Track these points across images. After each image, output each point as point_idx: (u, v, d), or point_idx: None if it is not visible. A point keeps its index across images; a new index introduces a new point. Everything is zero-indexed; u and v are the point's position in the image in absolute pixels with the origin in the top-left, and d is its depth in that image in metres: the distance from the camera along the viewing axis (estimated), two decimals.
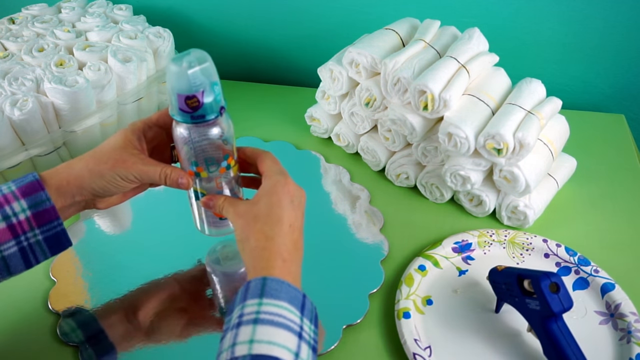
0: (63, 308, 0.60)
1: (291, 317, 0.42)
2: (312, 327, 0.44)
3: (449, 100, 0.64)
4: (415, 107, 0.67)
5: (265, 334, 0.40)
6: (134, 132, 0.52)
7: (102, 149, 0.51)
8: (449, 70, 0.66)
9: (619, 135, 0.86)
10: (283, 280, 0.44)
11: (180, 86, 0.46)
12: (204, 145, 0.51)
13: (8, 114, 0.66)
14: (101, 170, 0.49)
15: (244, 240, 0.48)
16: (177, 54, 0.46)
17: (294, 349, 0.40)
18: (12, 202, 0.46)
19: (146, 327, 0.58)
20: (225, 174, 0.54)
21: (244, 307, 0.42)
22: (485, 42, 0.72)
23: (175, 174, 0.51)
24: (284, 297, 0.42)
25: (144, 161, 0.50)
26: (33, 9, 0.88)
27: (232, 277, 0.64)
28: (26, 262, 0.49)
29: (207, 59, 0.46)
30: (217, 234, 0.61)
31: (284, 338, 0.40)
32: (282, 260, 0.46)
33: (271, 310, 0.41)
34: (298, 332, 0.41)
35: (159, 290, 0.62)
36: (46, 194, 0.47)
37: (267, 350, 0.39)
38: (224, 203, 0.52)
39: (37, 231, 0.48)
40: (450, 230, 0.69)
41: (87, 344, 0.56)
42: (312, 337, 0.43)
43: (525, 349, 0.55)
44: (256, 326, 0.40)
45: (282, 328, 0.40)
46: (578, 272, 0.63)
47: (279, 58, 1.04)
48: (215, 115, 0.49)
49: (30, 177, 0.48)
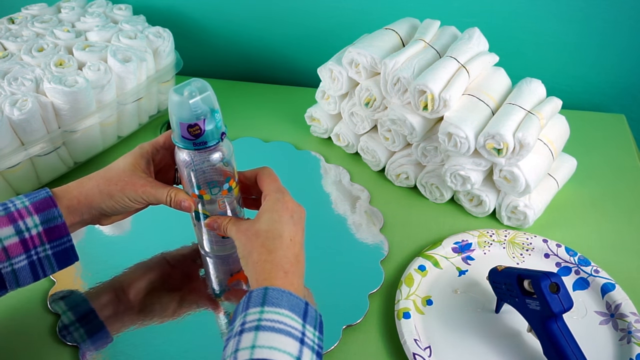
0: (63, 309, 0.60)
1: (292, 323, 0.42)
2: (316, 333, 0.44)
3: (448, 100, 0.64)
4: (415, 107, 0.67)
5: (267, 340, 0.40)
6: (142, 155, 0.54)
7: (112, 170, 0.53)
8: (449, 70, 0.66)
9: (619, 135, 0.86)
10: (284, 289, 0.45)
11: (182, 115, 0.48)
12: (206, 169, 0.53)
13: (7, 114, 0.66)
14: (111, 191, 0.51)
15: (247, 255, 0.50)
16: (178, 84, 0.48)
17: (296, 354, 0.41)
18: (25, 218, 0.48)
19: (138, 306, 0.60)
20: (227, 195, 0.56)
21: (246, 316, 0.43)
22: (485, 42, 0.71)
23: (179, 197, 0.53)
24: (285, 305, 0.43)
25: (151, 184, 0.53)
26: (33, 9, 0.88)
27: (225, 259, 0.65)
28: (34, 275, 0.50)
29: (208, 88, 0.48)
30: (221, 253, 0.64)
31: (285, 343, 0.41)
32: (284, 272, 0.47)
33: (272, 318, 0.42)
34: (300, 337, 0.42)
35: (152, 272, 0.64)
36: (58, 210, 0.49)
37: (268, 354, 0.39)
38: (227, 224, 0.54)
39: (47, 246, 0.49)
40: (450, 230, 0.69)
41: (87, 344, 0.56)
42: (316, 343, 0.43)
43: (526, 349, 0.55)
44: (258, 332, 0.41)
45: (283, 334, 0.41)
46: (578, 272, 0.63)
47: (279, 58, 1.04)
48: (216, 142, 0.50)
49: (44, 193, 0.50)
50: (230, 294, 0.62)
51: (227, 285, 0.63)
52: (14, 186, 0.72)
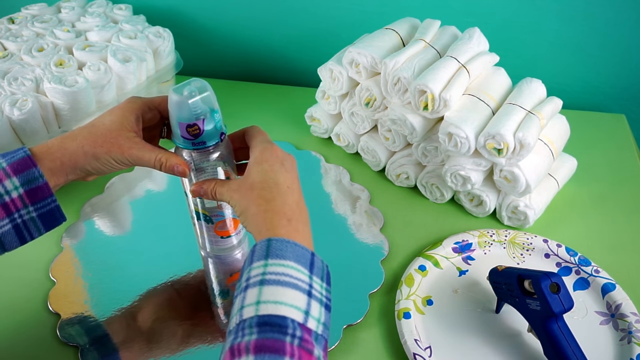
0: (63, 309, 0.60)
1: (298, 275, 0.40)
2: (324, 284, 0.42)
3: (449, 100, 0.64)
4: (415, 107, 0.67)
5: (272, 294, 0.39)
6: (132, 111, 0.50)
7: (98, 128, 0.49)
8: (449, 70, 0.66)
9: (619, 135, 0.86)
10: (288, 239, 0.42)
11: (182, 115, 0.47)
12: (206, 169, 0.53)
13: (7, 114, 0.66)
14: (96, 152, 0.48)
15: (245, 210, 0.47)
16: (178, 84, 0.47)
17: (304, 307, 0.39)
18: (3, 180, 0.45)
19: (147, 333, 0.58)
20: None
21: (251, 271, 0.41)
22: (486, 41, 0.71)
23: (171, 161, 0.50)
24: (290, 256, 0.41)
25: (139, 145, 0.49)
26: (33, 9, 0.88)
27: (225, 259, 0.64)
28: (21, 238, 0.48)
29: (207, 88, 0.48)
30: (221, 253, 0.64)
31: (291, 297, 0.39)
32: (287, 220, 0.45)
33: (277, 270, 0.40)
34: (307, 290, 0.40)
35: (160, 298, 0.62)
36: (39, 170, 0.46)
37: (274, 309, 0.38)
38: (215, 187, 0.51)
39: (31, 208, 0.47)
40: (451, 230, 0.69)
41: (87, 345, 0.56)
42: (324, 295, 0.41)
43: (526, 349, 0.55)
44: (262, 287, 0.39)
45: (289, 287, 0.39)
46: (579, 272, 0.63)
47: (279, 58, 1.04)
48: (216, 142, 0.50)
49: (21, 152, 0.46)
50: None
51: (227, 285, 0.63)
52: None
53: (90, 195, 0.75)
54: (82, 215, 0.72)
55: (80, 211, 0.73)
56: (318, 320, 0.39)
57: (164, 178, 0.79)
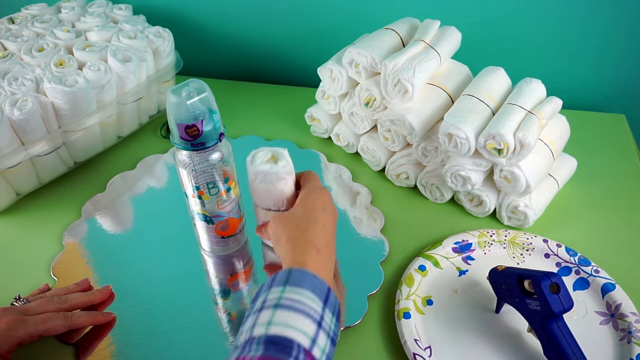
0: None
1: (312, 304, 0.42)
2: (334, 320, 0.43)
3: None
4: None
5: (284, 318, 0.40)
6: (8, 340, 0.50)
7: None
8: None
9: (619, 135, 0.86)
10: (308, 271, 0.44)
11: (180, 116, 0.47)
12: (205, 170, 0.53)
13: (8, 114, 0.66)
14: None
15: (279, 235, 0.49)
16: (176, 85, 0.47)
17: (312, 335, 0.40)
18: None
19: (147, 332, 0.58)
20: (227, 195, 0.56)
21: (269, 294, 0.42)
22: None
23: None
24: (308, 285, 0.43)
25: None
26: (33, 9, 0.88)
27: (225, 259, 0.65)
28: None
29: (206, 89, 0.48)
30: (221, 253, 0.64)
31: (302, 323, 0.40)
32: (316, 250, 0.46)
33: (293, 297, 0.41)
34: (318, 320, 0.41)
35: (160, 298, 0.62)
36: None
37: (283, 331, 0.39)
38: (267, 224, 0.53)
39: None
40: (451, 230, 0.69)
41: (87, 344, 0.56)
42: (332, 330, 0.42)
43: (526, 349, 0.55)
44: (276, 310, 0.40)
45: (301, 314, 0.40)
46: (578, 272, 0.63)
47: (279, 58, 1.04)
48: (214, 142, 0.50)
49: None
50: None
51: (227, 285, 0.63)
52: (14, 186, 0.72)
53: (91, 193, 0.75)
54: (83, 213, 0.72)
55: (81, 209, 0.73)
56: (323, 350, 0.40)
57: (165, 175, 0.79)
